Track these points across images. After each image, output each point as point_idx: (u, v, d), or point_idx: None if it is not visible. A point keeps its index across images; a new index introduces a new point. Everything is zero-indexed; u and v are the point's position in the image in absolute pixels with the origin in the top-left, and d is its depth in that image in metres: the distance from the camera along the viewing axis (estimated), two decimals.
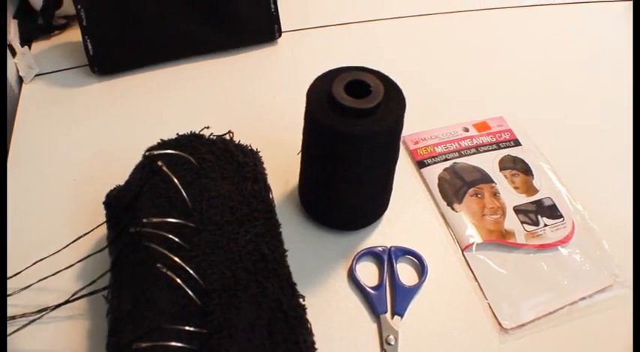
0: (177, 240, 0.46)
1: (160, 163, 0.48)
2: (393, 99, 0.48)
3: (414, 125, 0.67)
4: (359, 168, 0.50)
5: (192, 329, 0.43)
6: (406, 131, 0.53)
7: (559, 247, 0.58)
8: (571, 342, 0.52)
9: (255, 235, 0.48)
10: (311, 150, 0.53)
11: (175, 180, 0.47)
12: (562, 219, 0.60)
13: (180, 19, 0.71)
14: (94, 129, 0.67)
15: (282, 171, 0.61)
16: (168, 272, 0.44)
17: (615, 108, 0.75)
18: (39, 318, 0.50)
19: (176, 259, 0.45)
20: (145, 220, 0.45)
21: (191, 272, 0.45)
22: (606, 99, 0.76)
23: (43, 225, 0.57)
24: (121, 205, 0.50)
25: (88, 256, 0.52)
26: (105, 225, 0.52)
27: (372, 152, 0.49)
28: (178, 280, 0.44)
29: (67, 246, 0.52)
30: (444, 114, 0.70)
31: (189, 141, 0.51)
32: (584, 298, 0.54)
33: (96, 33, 0.68)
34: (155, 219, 0.46)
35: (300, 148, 0.55)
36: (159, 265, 0.44)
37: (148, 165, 0.49)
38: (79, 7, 0.66)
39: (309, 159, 0.54)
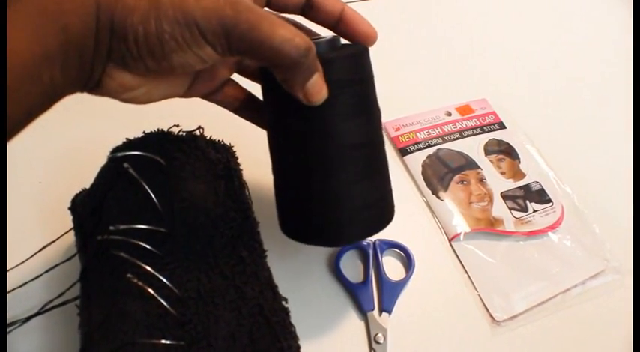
0: (147, 246, 0.43)
1: (125, 165, 0.45)
2: (353, 45, 0.43)
3: (395, 111, 0.64)
4: (327, 120, 0.40)
5: (168, 342, 0.41)
6: (386, 117, 0.51)
7: (549, 233, 0.56)
8: (565, 331, 0.51)
9: (231, 237, 0.46)
10: (275, 130, 0.44)
11: (143, 183, 0.44)
12: (551, 203, 0.58)
13: None
14: (60, 127, 0.63)
15: (259, 165, 0.58)
16: (139, 282, 0.41)
17: (602, 86, 0.73)
18: (8, 333, 0.47)
19: (147, 267, 0.42)
20: (111, 228, 0.43)
21: (164, 280, 0.42)
22: (592, 78, 0.74)
23: (7, 233, 0.54)
24: (86, 211, 0.47)
25: (57, 265, 0.49)
26: (73, 232, 0.49)
27: (336, 91, 0.39)
28: (150, 290, 0.41)
29: (34, 255, 0.49)
30: (425, 99, 0.68)
31: (157, 139, 0.48)
32: (576, 285, 0.53)
33: None
34: (123, 226, 0.43)
35: None
36: (129, 275, 0.42)
37: (113, 168, 0.46)
38: None
39: (276, 152, 0.45)
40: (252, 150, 0.53)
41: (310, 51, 0.35)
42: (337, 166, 0.41)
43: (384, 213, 0.46)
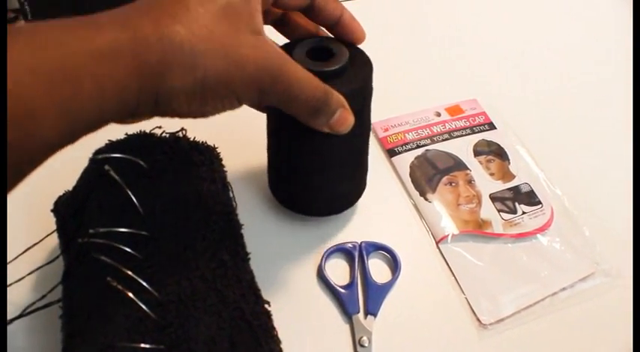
0: (128, 250, 0.43)
1: (107, 167, 0.44)
2: (358, 61, 0.45)
3: (383, 111, 0.63)
4: (327, 140, 0.46)
5: (148, 346, 0.40)
6: (375, 118, 0.51)
7: (538, 235, 0.55)
8: (553, 334, 0.50)
9: (213, 240, 0.45)
10: (275, 127, 0.49)
11: (124, 186, 0.44)
12: (540, 205, 0.57)
13: None
14: None
15: (244, 166, 0.58)
16: (119, 286, 0.41)
17: (595, 87, 0.72)
18: None
19: (127, 271, 0.42)
20: (91, 231, 0.42)
21: (144, 284, 0.42)
22: (585, 79, 0.73)
23: None
24: (68, 213, 0.47)
25: (40, 267, 0.49)
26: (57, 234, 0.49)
27: None
28: (130, 293, 0.41)
29: (18, 257, 0.49)
30: (415, 99, 0.67)
31: (139, 141, 0.47)
32: (565, 288, 0.52)
33: None
34: (103, 229, 0.42)
35: (264, 138, 0.52)
36: (109, 278, 0.41)
37: (94, 170, 0.46)
38: (22, 0, 0.62)
39: (274, 139, 0.51)
40: (236, 151, 0.53)
41: (329, 101, 0.40)
42: (332, 165, 0.50)
43: (355, 197, 0.56)
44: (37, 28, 0.30)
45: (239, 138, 0.51)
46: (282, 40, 0.47)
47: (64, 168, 0.50)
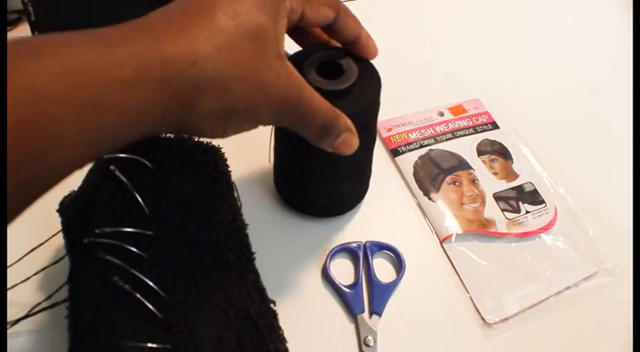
0: (134, 249, 0.43)
1: (112, 167, 0.45)
2: (367, 77, 0.46)
3: (387, 111, 0.63)
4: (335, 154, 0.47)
5: (155, 345, 0.40)
6: (378, 117, 0.51)
7: (542, 235, 0.55)
8: (558, 334, 0.50)
9: (218, 240, 0.46)
10: (283, 134, 0.50)
11: (129, 186, 0.44)
12: (544, 204, 0.57)
13: (136, 9, 0.68)
14: None
15: (249, 167, 0.58)
16: (126, 286, 0.41)
17: (597, 86, 0.73)
18: None
19: (133, 271, 0.42)
20: (97, 231, 0.42)
21: (150, 283, 0.42)
22: (587, 78, 0.73)
23: None
24: (73, 213, 0.47)
25: (46, 267, 0.49)
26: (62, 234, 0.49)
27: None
28: (137, 293, 0.41)
29: (23, 257, 0.49)
30: (418, 99, 0.67)
31: (144, 142, 0.47)
32: (569, 287, 0.52)
33: (46, 28, 0.64)
34: (108, 229, 0.43)
35: (268, 141, 0.53)
36: (115, 278, 0.41)
37: (100, 170, 0.46)
38: (26, 1, 0.62)
39: (281, 144, 0.52)
40: (240, 151, 0.53)
41: (337, 124, 0.40)
42: (338, 172, 0.51)
43: (358, 199, 0.57)
44: (60, 46, 0.28)
45: (243, 137, 0.51)
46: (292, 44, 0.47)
47: None
